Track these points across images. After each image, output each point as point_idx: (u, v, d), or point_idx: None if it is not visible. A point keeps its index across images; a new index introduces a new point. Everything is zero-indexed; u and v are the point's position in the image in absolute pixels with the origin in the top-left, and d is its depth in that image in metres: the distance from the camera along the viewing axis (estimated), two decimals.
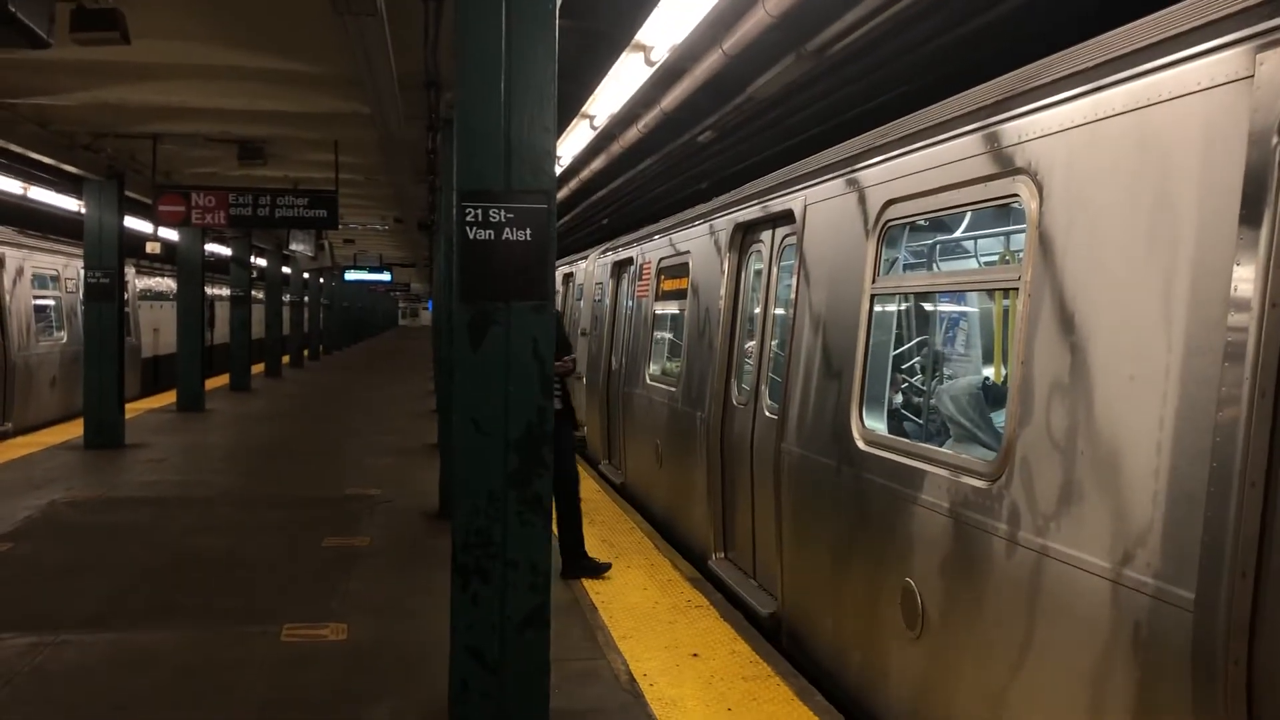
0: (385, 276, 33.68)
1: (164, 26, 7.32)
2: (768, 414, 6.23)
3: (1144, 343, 3.02)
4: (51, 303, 16.15)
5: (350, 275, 32.79)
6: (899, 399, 6.20)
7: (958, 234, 5.92)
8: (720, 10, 6.74)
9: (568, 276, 15.37)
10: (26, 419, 14.31)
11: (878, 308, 4.99)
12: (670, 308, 9.45)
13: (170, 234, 17.09)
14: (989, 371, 6.16)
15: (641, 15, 7.11)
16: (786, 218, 6.30)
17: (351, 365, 32.66)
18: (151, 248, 15.93)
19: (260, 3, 7.06)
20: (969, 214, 5.44)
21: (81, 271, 13.72)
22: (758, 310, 6.89)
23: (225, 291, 24.85)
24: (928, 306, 6.41)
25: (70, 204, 15.87)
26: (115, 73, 8.68)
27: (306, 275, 33.22)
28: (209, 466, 11.47)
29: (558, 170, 6.52)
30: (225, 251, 22.73)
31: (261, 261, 26.93)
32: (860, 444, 4.83)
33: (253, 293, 23.42)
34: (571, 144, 12.07)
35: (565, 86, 4.40)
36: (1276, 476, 2.63)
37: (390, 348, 48.24)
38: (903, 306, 5.85)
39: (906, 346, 6.36)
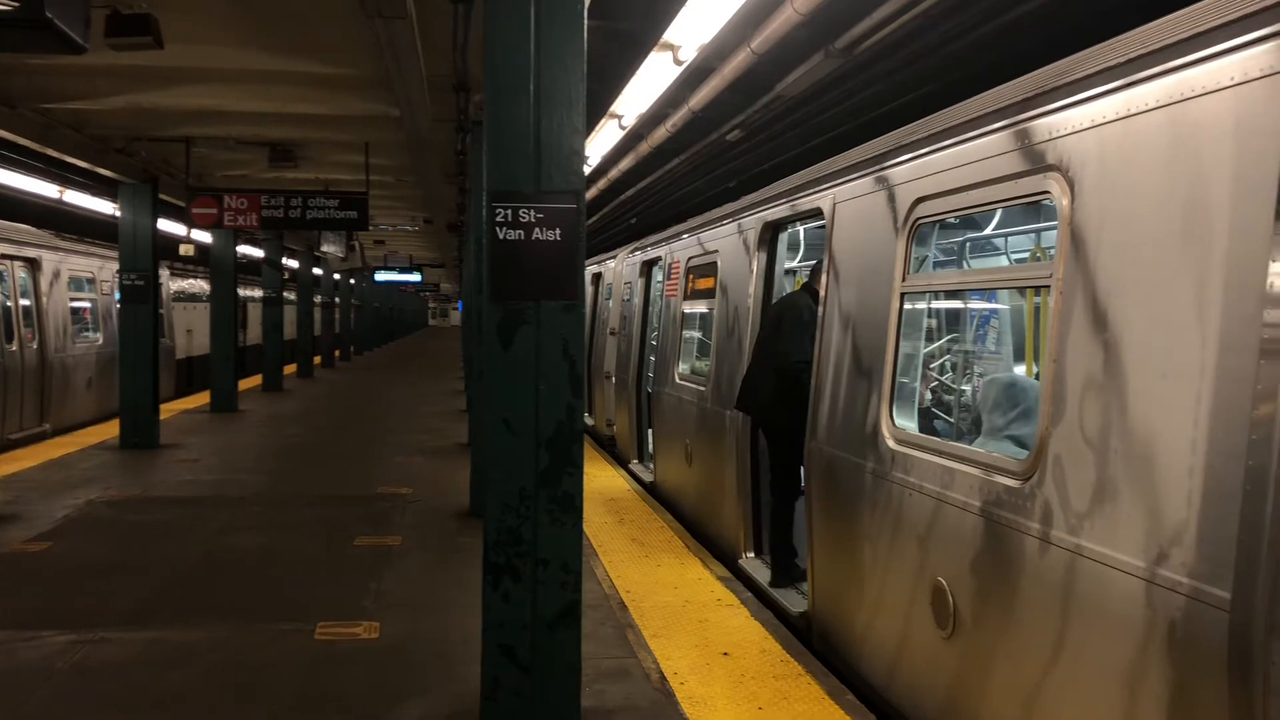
0: (415, 277, 33.93)
1: (196, 31, 7.42)
2: None
3: (1178, 340, 3.00)
4: (87, 305, 16.34)
5: (380, 276, 33.04)
6: (929, 397, 6.18)
7: (987, 231, 5.89)
8: (748, 9, 6.73)
9: (596, 276, 15.39)
10: (63, 419, 14.51)
11: (908, 305, 4.96)
12: (699, 306, 9.45)
13: (203, 236, 17.26)
14: (1020, 369, 6.12)
15: (669, 14, 7.12)
16: (815, 216, 6.29)
17: (382, 365, 32.87)
18: (185, 250, 16.13)
19: (291, 7, 7.14)
20: (999, 211, 5.42)
21: (116, 274, 13.88)
22: None
23: (257, 293, 25.06)
24: (958, 304, 6.38)
25: (105, 207, 16.05)
26: (149, 77, 8.81)
27: (337, 276, 33.48)
28: (242, 466, 11.58)
29: (586, 170, 6.55)
30: (257, 253, 22.92)
31: (293, 263, 27.14)
32: (891, 443, 4.82)
33: (284, 294, 23.61)
34: (599, 144, 12.09)
35: (593, 86, 4.41)
36: None
37: (420, 348, 48.52)
38: (933, 304, 5.82)
39: (937, 344, 6.33)
